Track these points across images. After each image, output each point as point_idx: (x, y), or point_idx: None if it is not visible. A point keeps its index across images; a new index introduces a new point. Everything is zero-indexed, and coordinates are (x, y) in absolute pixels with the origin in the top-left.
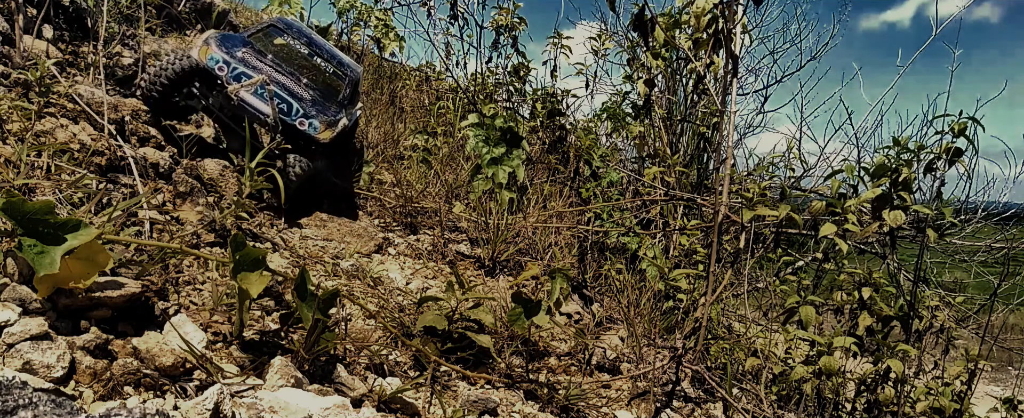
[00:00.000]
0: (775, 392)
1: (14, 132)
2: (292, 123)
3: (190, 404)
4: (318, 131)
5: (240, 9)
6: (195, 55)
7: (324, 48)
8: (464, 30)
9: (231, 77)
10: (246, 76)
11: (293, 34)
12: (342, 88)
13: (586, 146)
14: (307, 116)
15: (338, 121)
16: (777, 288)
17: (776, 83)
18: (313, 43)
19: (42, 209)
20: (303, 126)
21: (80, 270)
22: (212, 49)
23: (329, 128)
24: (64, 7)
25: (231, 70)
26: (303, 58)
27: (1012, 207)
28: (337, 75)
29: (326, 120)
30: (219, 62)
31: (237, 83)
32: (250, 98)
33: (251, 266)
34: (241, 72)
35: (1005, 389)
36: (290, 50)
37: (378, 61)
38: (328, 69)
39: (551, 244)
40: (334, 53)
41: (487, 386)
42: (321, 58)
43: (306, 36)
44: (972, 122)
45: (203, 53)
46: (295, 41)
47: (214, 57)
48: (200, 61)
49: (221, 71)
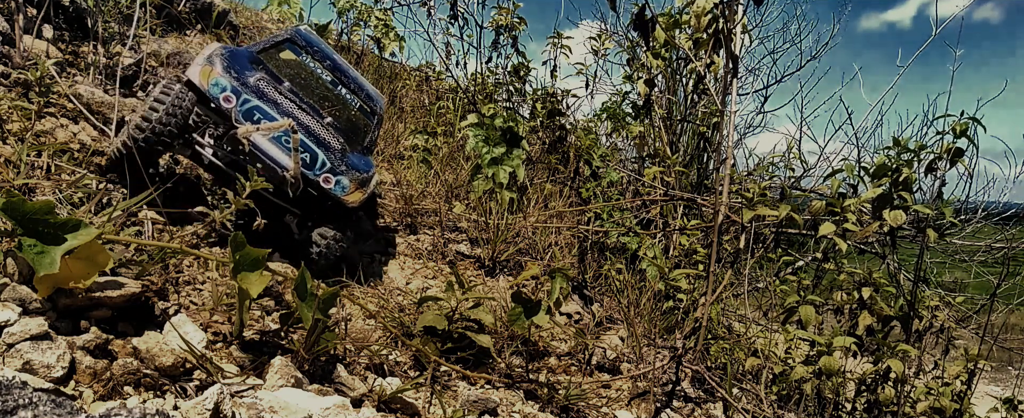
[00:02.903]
0: (775, 392)
1: (14, 132)
2: (315, 179)
3: (190, 404)
4: (346, 191)
5: (240, 9)
6: (196, 77)
7: (349, 74)
8: (464, 30)
9: (241, 112)
10: (261, 112)
11: (313, 53)
12: (370, 128)
13: (586, 146)
14: (335, 171)
15: (370, 178)
16: (777, 288)
17: (776, 83)
18: (337, 67)
19: (42, 209)
20: (329, 184)
21: (80, 270)
22: (217, 72)
23: (360, 188)
24: (64, 7)
25: (241, 103)
26: (325, 87)
27: (1012, 207)
28: (364, 111)
29: (356, 177)
30: (226, 90)
31: (249, 122)
32: (266, 144)
33: (251, 266)
34: (254, 107)
35: (1005, 389)
36: (310, 75)
37: (378, 61)
38: (354, 103)
39: (551, 244)
40: (360, 81)
41: (487, 386)
42: (346, 87)
43: (329, 57)
44: (973, 122)
45: (205, 75)
46: (316, 63)
47: (220, 83)
48: (202, 86)
49: (228, 103)
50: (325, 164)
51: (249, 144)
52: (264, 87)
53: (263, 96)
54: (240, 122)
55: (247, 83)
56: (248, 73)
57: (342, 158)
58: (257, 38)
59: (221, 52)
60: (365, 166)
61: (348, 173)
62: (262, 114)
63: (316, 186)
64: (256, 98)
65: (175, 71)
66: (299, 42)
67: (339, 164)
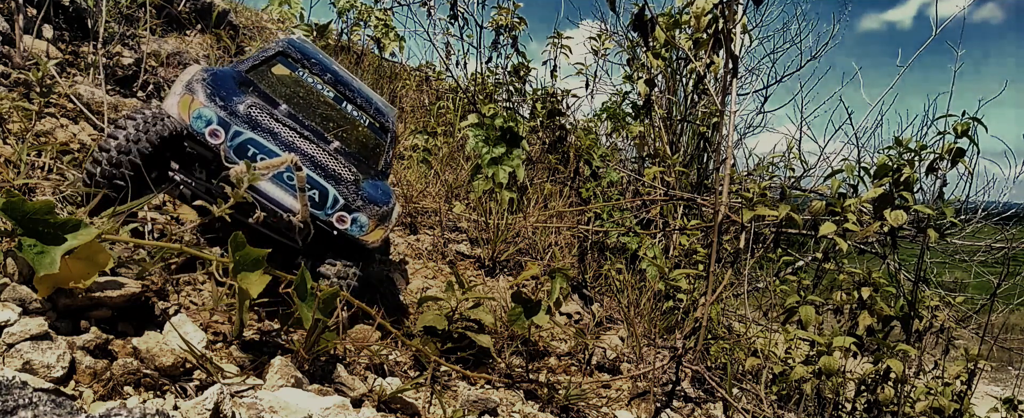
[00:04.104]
0: (775, 392)
1: (14, 132)
2: (327, 219)
3: (190, 404)
4: (365, 230)
5: (240, 9)
6: (175, 111)
7: (353, 87)
8: (464, 30)
9: (232, 147)
10: (256, 146)
11: (311, 66)
12: (383, 148)
13: (586, 146)
14: (350, 207)
15: (391, 211)
16: (777, 288)
17: (776, 83)
18: (339, 79)
19: (42, 209)
20: (344, 224)
21: (80, 270)
22: (199, 101)
23: (380, 224)
24: (64, 7)
25: (231, 136)
26: (328, 105)
27: (1012, 207)
28: (374, 128)
29: (375, 212)
30: (212, 123)
31: (243, 159)
32: (264, 184)
33: (251, 266)
34: (248, 140)
35: (1005, 389)
36: (309, 93)
37: (378, 61)
38: (362, 120)
39: (551, 244)
40: (367, 93)
41: (487, 386)
42: (352, 103)
43: (329, 69)
44: (974, 122)
45: (185, 107)
46: (314, 77)
47: (204, 115)
48: (182, 121)
49: (216, 138)
50: (337, 200)
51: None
52: (257, 114)
53: (257, 126)
54: (232, 160)
55: (236, 111)
56: (237, 99)
57: (356, 191)
58: (257, 38)
59: (202, 77)
60: (384, 197)
61: (366, 208)
62: (257, 148)
63: (328, 227)
64: (249, 129)
65: (175, 70)
66: (293, 55)
67: (354, 198)
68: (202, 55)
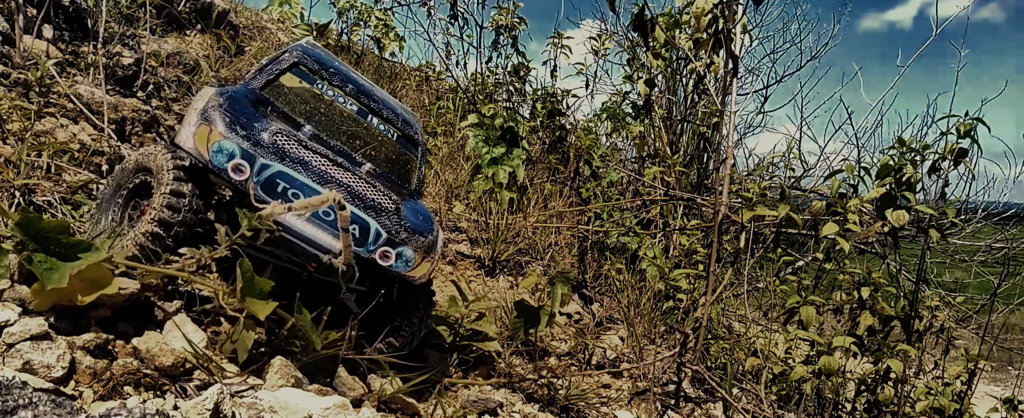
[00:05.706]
0: (775, 392)
1: (14, 132)
2: (370, 256)
3: (190, 404)
4: (412, 265)
5: (240, 9)
6: (190, 144)
7: (376, 96)
8: (464, 30)
9: (260, 183)
10: (287, 180)
11: (329, 76)
12: (414, 164)
13: (586, 146)
14: (394, 241)
15: (436, 239)
16: (777, 288)
17: (776, 83)
18: (361, 89)
19: (57, 228)
20: (388, 260)
21: (83, 289)
22: (218, 132)
23: (427, 256)
24: (64, 7)
25: (258, 170)
26: (352, 120)
27: (1012, 207)
28: (403, 141)
29: (421, 243)
30: (235, 156)
31: (272, 195)
32: (298, 222)
33: (259, 295)
34: (277, 173)
35: (1005, 389)
36: (330, 107)
37: (378, 61)
38: (390, 134)
39: (551, 244)
40: (391, 103)
41: (487, 386)
42: (377, 115)
43: (349, 79)
44: (977, 123)
45: (203, 140)
46: (334, 89)
47: (225, 149)
48: (201, 157)
49: (240, 174)
50: (379, 235)
51: (275, 224)
52: (284, 142)
53: (285, 156)
54: (262, 199)
55: (261, 141)
56: (259, 125)
57: (399, 221)
58: (257, 38)
59: (218, 102)
60: (426, 225)
61: (411, 240)
62: (289, 182)
63: (371, 265)
64: (277, 160)
65: (175, 70)
66: (308, 64)
67: (398, 230)
68: (202, 55)
